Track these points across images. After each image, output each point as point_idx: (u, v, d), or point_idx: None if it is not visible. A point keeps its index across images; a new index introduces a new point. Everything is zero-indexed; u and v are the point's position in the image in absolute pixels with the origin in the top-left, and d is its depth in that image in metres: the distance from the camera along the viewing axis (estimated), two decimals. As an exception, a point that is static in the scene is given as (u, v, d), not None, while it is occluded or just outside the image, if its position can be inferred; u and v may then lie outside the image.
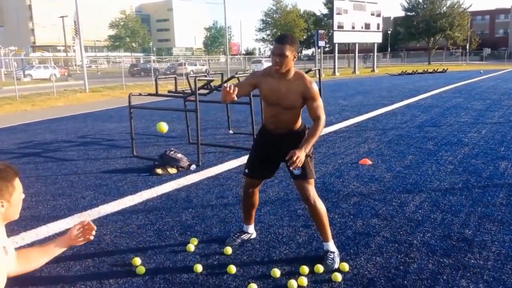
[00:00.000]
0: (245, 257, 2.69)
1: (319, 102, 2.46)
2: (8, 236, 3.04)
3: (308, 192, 2.54)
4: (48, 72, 30.73)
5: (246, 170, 2.76)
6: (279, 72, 2.44)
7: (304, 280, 2.35)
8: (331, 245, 2.62)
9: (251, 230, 2.95)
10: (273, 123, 2.59)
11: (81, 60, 18.24)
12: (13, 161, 5.54)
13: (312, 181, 2.57)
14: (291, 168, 2.34)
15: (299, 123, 2.62)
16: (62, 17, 41.27)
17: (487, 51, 56.61)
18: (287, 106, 2.48)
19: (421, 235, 2.96)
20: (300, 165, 2.32)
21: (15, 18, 76.71)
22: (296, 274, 2.44)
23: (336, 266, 2.52)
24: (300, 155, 2.28)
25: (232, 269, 2.49)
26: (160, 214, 3.46)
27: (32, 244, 2.94)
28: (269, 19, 55.25)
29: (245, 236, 2.91)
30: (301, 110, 2.57)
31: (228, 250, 2.74)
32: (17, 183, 1.48)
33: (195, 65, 35.83)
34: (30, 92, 17.70)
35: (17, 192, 1.46)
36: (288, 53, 2.36)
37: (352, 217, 3.32)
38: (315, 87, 2.47)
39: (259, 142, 2.73)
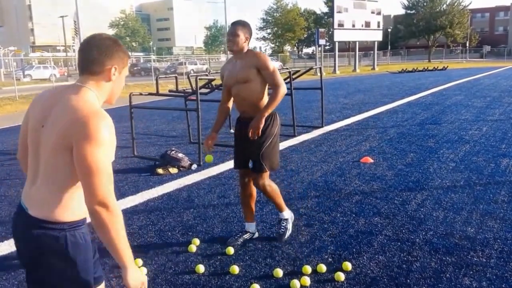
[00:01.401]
0: (247, 257, 2.69)
1: (273, 71, 2.62)
2: (8, 238, 3.06)
3: (257, 182, 2.73)
4: (47, 72, 30.72)
5: (234, 164, 2.88)
6: (233, 50, 2.66)
7: (307, 280, 2.35)
8: (285, 213, 2.91)
9: (253, 229, 2.94)
10: (240, 105, 2.72)
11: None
12: (14, 162, 5.54)
13: (263, 174, 2.72)
14: (250, 137, 2.58)
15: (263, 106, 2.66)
16: (62, 17, 41.24)
17: (486, 48, 56.48)
18: (243, 79, 2.63)
19: (424, 233, 2.95)
20: (258, 133, 2.56)
21: (14, 18, 76.64)
22: (298, 274, 2.43)
23: (288, 233, 2.84)
24: (255, 124, 2.55)
25: (235, 269, 2.48)
26: (162, 215, 3.45)
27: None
28: (269, 18, 55.23)
29: (247, 236, 2.91)
30: (263, 88, 2.67)
31: (230, 250, 2.73)
32: (127, 63, 1.48)
33: (196, 64, 35.79)
34: (30, 92, 17.69)
35: (126, 70, 1.46)
36: (239, 32, 2.61)
37: (354, 215, 3.31)
38: (266, 58, 2.66)
39: (236, 133, 2.85)
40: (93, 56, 1.35)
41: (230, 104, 2.85)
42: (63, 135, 1.25)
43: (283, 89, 2.62)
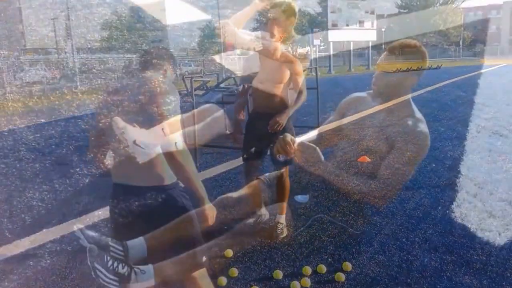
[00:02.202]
0: (246, 259, 2.65)
1: (302, 79, 2.82)
2: (0, 244, 3.00)
3: (285, 173, 2.81)
4: (39, 74, 30.46)
5: (245, 155, 2.93)
6: (269, 49, 2.72)
7: (307, 281, 2.32)
8: (283, 218, 2.92)
9: (252, 228, 2.92)
10: (263, 99, 2.78)
11: (73, 62, 18.14)
12: (7, 166, 5.47)
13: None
14: (269, 130, 2.68)
15: (285, 105, 2.81)
16: (53, 19, 41.02)
17: (480, 46, 56.90)
18: (281, 80, 2.73)
19: (423, 232, 2.93)
20: (279, 129, 2.69)
21: (4, 21, 76.24)
22: (299, 275, 2.41)
23: (283, 235, 2.82)
24: (280, 121, 2.68)
25: (234, 272, 2.45)
26: (158, 217, 3.40)
27: (27, 252, 2.87)
28: (263, 19, 55.26)
29: (245, 236, 2.88)
30: (287, 90, 2.80)
31: (229, 252, 2.69)
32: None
33: (190, 65, 35.74)
34: (22, 95, 17.54)
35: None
36: (275, 32, 2.74)
37: (353, 215, 3.29)
38: (300, 64, 2.81)
39: (250, 126, 2.93)
40: (154, 59, 1.67)
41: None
42: (135, 103, 1.46)
43: (305, 97, 2.88)
